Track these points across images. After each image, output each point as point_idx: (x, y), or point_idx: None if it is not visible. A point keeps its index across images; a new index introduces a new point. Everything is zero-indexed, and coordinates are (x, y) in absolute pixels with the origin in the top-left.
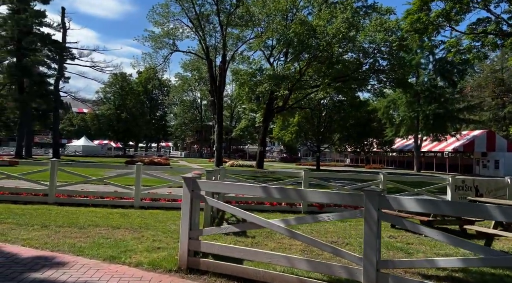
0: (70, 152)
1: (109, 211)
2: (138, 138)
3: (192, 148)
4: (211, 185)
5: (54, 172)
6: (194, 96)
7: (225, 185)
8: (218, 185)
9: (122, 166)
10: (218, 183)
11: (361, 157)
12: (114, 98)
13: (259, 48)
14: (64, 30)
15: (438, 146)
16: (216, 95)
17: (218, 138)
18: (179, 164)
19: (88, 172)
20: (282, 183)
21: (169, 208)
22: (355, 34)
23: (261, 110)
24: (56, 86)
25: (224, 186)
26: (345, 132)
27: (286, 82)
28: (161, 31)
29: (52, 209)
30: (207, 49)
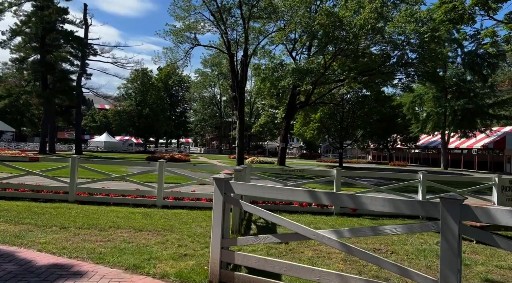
0: (92, 148)
1: (131, 211)
2: (158, 134)
3: (211, 144)
4: (247, 188)
5: (74, 169)
6: (213, 92)
7: (264, 189)
8: (255, 188)
9: (144, 163)
10: (255, 186)
11: (383, 154)
12: (135, 94)
13: (281, 41)
14: (86, 26)
15: (466, 142)
16: (237, 90)
17: (240, 135)
18: (199, 160)
19: (109, 169)
20: (315, 182)
21: (192, 207)
22: (383, 26)
23: (283, 105)
24: (78, 83)
25: (264, 190)
26: (369, 128)
27: (310, 76)
28: (182, 25)
29: (72, 208)
30: (228, 43)
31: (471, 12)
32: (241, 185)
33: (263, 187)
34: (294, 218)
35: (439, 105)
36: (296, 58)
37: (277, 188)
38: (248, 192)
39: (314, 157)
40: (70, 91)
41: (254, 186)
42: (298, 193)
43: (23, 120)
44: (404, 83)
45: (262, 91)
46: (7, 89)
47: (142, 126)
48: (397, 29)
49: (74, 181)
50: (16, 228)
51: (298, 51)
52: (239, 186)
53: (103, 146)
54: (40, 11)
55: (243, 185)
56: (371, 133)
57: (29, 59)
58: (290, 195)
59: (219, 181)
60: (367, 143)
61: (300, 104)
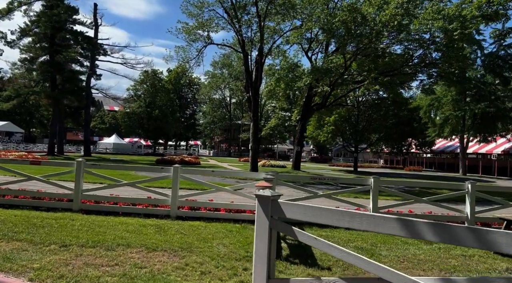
0: (101, 150)
1: (142, 223)
2: (168, 136)
3: (220, 146)
4: (305, 211)
5: (79, 175)
6: (223, 94)
7: (334, 214)
8: (319, 212)
9: (157, 168)
10: (319, 209)
11: (396, 158)
12: (145, 96)
13: (297, 41)
14: (96, 26)
15: (484, 147)
16: (251, 91)
17: (254, 137)
18: (209, 163)
19: (117, 174)
20: (351, 192)
21: (210, 219)
22: (408, 23)
23: (297, 107)
24: (87, 83)
25: (333, 215)
26: (385, 132)
27: (329, 76)
28: (195, 22)
29: (76, 219)
30: (243, 42)
31: (505, 7)
32: (295, 206)
33: (332, 211)
34: (328, 234)
35: (458, 109)
36: (312, 58)
37: (353, 213)
38: (308, 217)
39: (325, 161)
40: (79, 91)
41: (318, 209)
42: (386, 223)
43: (33, 121)
44: (425, 84)
45: (277, 92)
46: (15, 89)
47: (151, 128)
48: (422, 27)
49: (79, 188)
50: (8, 246)
51: (314, 51)
52: (291, 207)
53: (112, 148)
54: (49, 10)
55: (298, 207)
56: (388, 137)
57: (39, 59)
58: (374, 224)
59: (263, 200)
60: (381, 147)
61: (317, 106)
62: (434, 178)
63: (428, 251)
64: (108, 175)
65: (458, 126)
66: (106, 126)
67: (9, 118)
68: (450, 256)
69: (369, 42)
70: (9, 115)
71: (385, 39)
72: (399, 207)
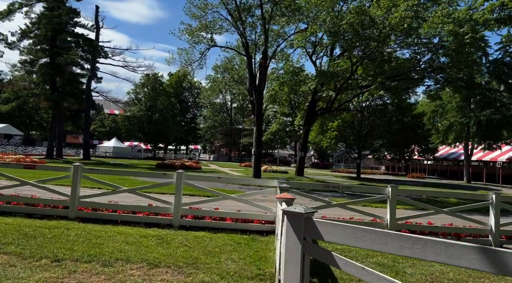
0: (101, 153)
1: (143, 233)
2: (168, 140)
3: (220, 151)
4: (349, 233)
5: (77, 180)
6: (224, 98)
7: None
8: (368, 235)
9: (159, 174)
10: (367, 230)
11: (398, 165)
12: (145, 99)
13: (301, 44)
14: (98, 28)
15: (489, 155)
16: (255, 95)
17: (257, 142)
18: (210, 167)
19: (117, 179)
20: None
21: (215, 229)
22: (417, 26)
23: (301, 112)
24: (88, 86)
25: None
26: (388, 138)
27: (335, 80)
28: (199, 24)
29: (72, 228)
30: (247, 45)
31: None
32: (337, 227)
33: (395, 237)
34: (344, 248)
35: (463, 115)
36: (316, 62)
37: (424, 240)
38: (356, 242)
39: (326, 167)
40: (79, 94)
41: (355, 229)
42: (461, 252)
43: (32, 123)
44: (432, 90)
45: (280, 96)
46: (15, 91)
47: (151, 132)
48: (432, 30)
49: (76, 194)
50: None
51: (318, 55)
52: (332, 228)
53: (111, 152)
54: (50, 11)
55: (341, 228)
56: (391, 143)
57: (39, 61)
58: (446, 255)
59: (295, 218)
60: (383, 153)
61: (321, 111)
62: (439, 185)
63: (456, 268)
64: (107, 180)
65: (462, 133)
66: (106, 129)
67: (8, 120)
68: (482, 275)
69: (377, 45)
70: (8, 118)
71: (392, 43)
72: (418, 218)
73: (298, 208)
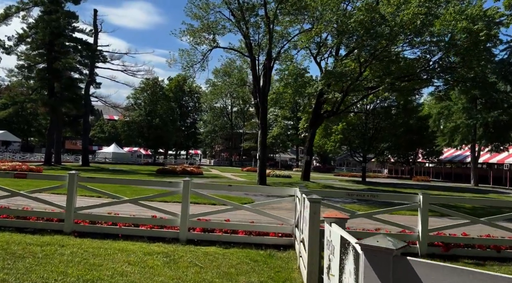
0: (100, 159)
1: (147, 249)
2: (168, 146)
3: (221, 156)
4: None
5: (72, 190)
6: (224, 103)
7: None
8: None
9: (164, 182)
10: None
11: (401, 168)
12: (145, 104)
13: (306, 44)
14: (96, 32)
15: (495, 157)
16: (260, 97)
17: (262, 146)
18: (212, 172)
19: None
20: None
21: (227, 243)
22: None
23: (306, 115)
24: (86, 91)
25: None
26: (394, 141)
27: (343, 81)
28: (200, 24)
29: (67, 245)
30: (250, 45)
31: None
32: (451, 273)
33: None
34: None
35: (470, 117)
36: (321, 63)
37: None
38: None
39: (328, 170)
40: (77, 99)
41: None
42: None
43: (31, 130)
44: (441, 90)
45: (284, 98)
46: (11, 96)
47: (151, 137)
48: (444, 28)
49: (72, 206)
50: None
51: (323, 56)
52: (438, 273)
53: (111, 157)
54: (48, 15)
55: (456, 274)
56: (397, 146)
57: (37, 66)
58: None
59: (379, 256)
60: (387, 156)
61: (328, 113)
62: (446, 189)
63: None
64: (107, 189)
65: (469, 135)
66: (106, 135)
67: (6, 127)
68: None
69: (387, 44)
70: (6, 124)
71: (401, 42)
72: (452, 229)
73: (382, 240)
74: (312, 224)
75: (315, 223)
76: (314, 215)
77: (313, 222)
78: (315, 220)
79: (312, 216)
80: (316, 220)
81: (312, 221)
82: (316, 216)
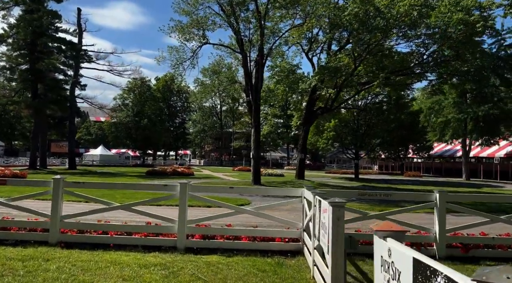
0: (87, 162)
1: (142, 260)
2: (157, 146)
3: (211, 156)
4: None
5: (58, 197)
6: (213, 102)
7: None
8: None
9: (158, 185)
10: None
11: (391, 164)
12: (133, 105)
13: (297, 40)
14: (80, 31)
15: (486, 151)
16: (252, 95)
17: (255, 144)
18: (203, 173)
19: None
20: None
21: (229, 250)
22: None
23: (298, 112)
24: (72, 92)
25: None
26: (387, 137)
27: (338, 76)
28: (189, 20)
29: (53, 259)
30: (241, 41)
31: None
32: None
33: None
34: None
35: (460, 111)
36: (313, 59)
37: None
38: None
39: (319, 168)
40: (62, 101)
41: None
42: None
43: (14, 133)
44: (435, 85)
45: (276, 94)
46: None
47: (139, 138)
48: (439, 20)
49: (58, 214)
50: None
51: (315, 52)
52: None
53: (98, 160)
54: (29, 14)
55: None
56: (389, 142)
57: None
58: None
59: None
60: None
61: (321, 110)
62: (440, 183)
63: None
64: (96, 195)
65: (459, 130)
66: (93, 137)
67: None
68: None
69: (382, 37)
70: None
71: (394, 36)
72: (470, 229)
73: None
74: (337, 232)
75: (340, 230)
76: (338, 221)
77: (337, 230)
78: (340, 227)
79: (335, 223)
80: (341, 227)
81: (336, 228)
82: (340, 223)
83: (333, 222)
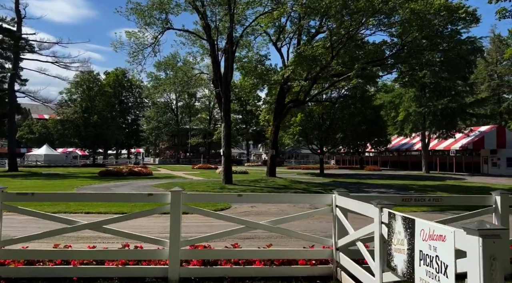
0: (30, 162)
1: None
2: (108, 145)
3: (165, 153)
4: None
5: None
6: (168, 97)
7: None
8: None
9: (142, 194)
10: None
11: (349, 159)
12: (81, 100)
13: (266, 28)
14: (19, 18)
15: (442, 144)
16: (221, 86)
17: (226, 141)
18: (160, 172)
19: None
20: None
21: (238, 279)
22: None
23: (267, 106)
24: (11, 86)
25: None
26: (351, 131)
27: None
28: (150, 1)
29: None
30: (208, 27)
31: None
32: None
33: None
34: None
35: (421, 105)
36: (282, 50)
37: None
38: None
39: (278, 164)
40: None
41: None
42: None
43: None
44: (405, 76)
45: (246, 88)
46: None
47: (89, 136)
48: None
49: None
50: None
51: (283, 42)
52: None
53: (43, 160)
54: None
55: None
56: (354, 136)
57: None
58: None
59: None
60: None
61: (294, 103)
62: (403, 177)
63: None
64: (50, 210)
65: (419, 123)
66: (36, 136)
67: None
68: None
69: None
70: None
71: (370, 24)
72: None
73: None
74: (490, 281)
75: (498, 279)
76: (491, 265)
77: (490, 278)
78: (496, 273)
79: (487, 267)
80: (498, 275)
81: (489, 276)
82: (497, 266)
83: (484, 266)
